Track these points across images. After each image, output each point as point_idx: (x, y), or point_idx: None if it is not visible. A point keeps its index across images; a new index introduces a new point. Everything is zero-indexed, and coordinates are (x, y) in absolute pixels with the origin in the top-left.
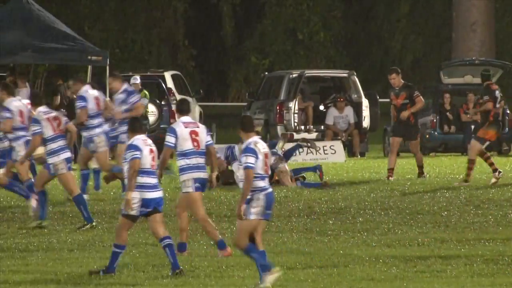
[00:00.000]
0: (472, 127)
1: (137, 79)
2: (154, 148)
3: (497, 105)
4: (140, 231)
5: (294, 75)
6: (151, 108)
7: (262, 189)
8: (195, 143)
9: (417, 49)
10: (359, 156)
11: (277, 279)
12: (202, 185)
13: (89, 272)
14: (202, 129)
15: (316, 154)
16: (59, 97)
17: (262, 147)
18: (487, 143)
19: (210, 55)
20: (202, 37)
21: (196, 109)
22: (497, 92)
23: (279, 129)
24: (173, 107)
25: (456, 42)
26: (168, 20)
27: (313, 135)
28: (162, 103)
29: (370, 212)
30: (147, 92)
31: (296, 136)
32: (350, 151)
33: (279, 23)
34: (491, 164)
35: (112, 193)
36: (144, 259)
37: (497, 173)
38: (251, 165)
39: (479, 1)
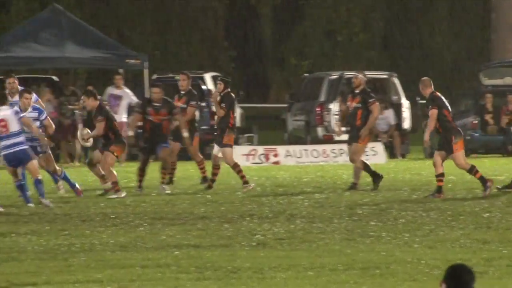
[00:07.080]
0: (511, 128)
1: None
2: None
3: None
4: (182, 232)
5: (333, 77)
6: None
7: None
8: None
9: (457, 50)
10: (400, 158)
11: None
12: None
13: None
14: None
15: None
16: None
17: None
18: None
19: (249, 57)
20: (242, 39)
21: (237, 110)
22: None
23: (319, 131)
24: (213, 108)
25: (496, 43)
26: (207, 21)
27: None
28: (202, 104)
29: (411, 214)
30: None
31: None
32: (391, 152)
33: (318, 24)
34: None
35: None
36: (186, 260)
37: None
38: None
39: None
